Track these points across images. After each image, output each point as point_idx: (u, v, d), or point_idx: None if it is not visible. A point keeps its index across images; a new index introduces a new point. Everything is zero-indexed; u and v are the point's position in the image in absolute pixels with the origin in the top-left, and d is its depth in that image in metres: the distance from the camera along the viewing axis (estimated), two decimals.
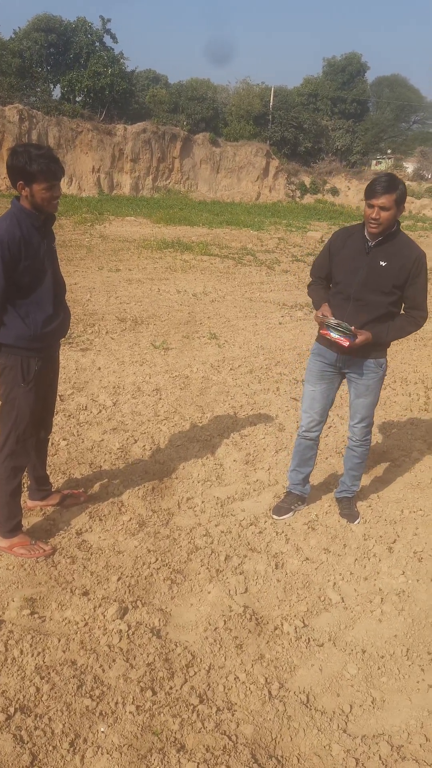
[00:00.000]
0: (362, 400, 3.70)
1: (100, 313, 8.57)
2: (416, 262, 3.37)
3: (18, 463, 3.36)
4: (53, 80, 31.16)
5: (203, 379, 6.29)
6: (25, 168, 2.95)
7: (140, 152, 29.85)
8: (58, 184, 3.06)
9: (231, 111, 35.78)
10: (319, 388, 3.74)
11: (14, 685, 2.53)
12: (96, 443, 4.77)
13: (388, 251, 3.38)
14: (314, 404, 3.78)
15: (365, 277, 3.40)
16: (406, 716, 2.55)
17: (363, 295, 3.42)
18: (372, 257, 3.40)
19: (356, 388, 3.69)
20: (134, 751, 2.29)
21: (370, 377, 3.64)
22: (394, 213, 3.28)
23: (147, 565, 3.39)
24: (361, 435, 3.83)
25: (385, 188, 3.22)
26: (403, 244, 3.41)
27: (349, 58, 41.92)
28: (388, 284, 3.38)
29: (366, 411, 3.74)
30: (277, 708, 2.55)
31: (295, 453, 3.96)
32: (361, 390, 3.67)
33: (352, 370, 3.65)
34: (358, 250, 3.45)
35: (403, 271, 3.36)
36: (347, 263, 3.47)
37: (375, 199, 3.24)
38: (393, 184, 3.24)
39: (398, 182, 3.26)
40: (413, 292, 3.45)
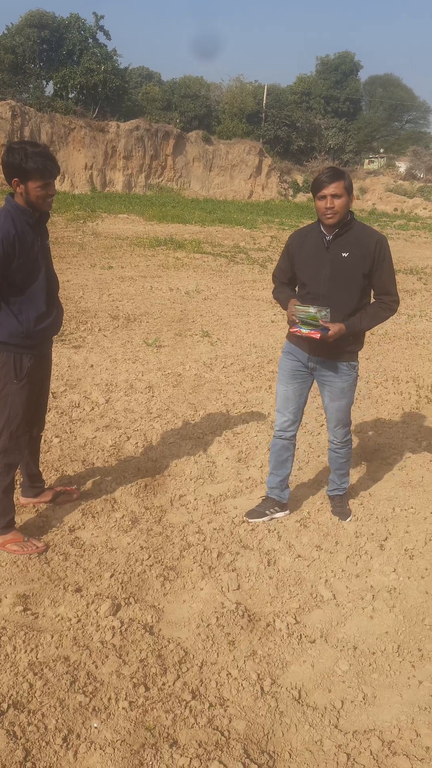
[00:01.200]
0: (337, 403, 3.64)
1: (93, 311, 8.56)
2: (378, 246, 3.32)
3: (11, 460, 3.36)
4: (46, 76, 31.08)
5: (196, 377, 6.30)
6: (21, 165, 2.96)
7: (133, 150, 29.82)
8: (53, 182, 3.07)
9: (224, 109, 35.80)
10: (291, 388, 3.68)
11: (7, 681, 2.53)
12: (89, 440, 4.77)
13: (347, 242, 3.33)
14: (288, 404, 3.71)
15: (330, 272, 3.35)
16: (397, 712, 2.57)
17: (332, 291, 3.37)
18: (332, 251, 3.35)
19: (330, 391, 3.61)
20: (127, 747, 2.30)
21: (344, 380, 3.57)
22: (346, 200, 3.25)
23: (140, 561, 3.39)
24: (342, 437, 3.78)
25: (331, 177, 3.20)
26: (360, 232, 3.36)
27: (342, 57, 42.00)
28: (356, 274, 3.33)
29: (342, 414, 3.69)
30: (269, 704, 2.56)
31: (272, 455, 3.90)
32: (336, 393, 3.60)
33: (325, 373, 3.58)
34: (317, 247, 3.39)
35: (366, 258, 3.31)
36: (309, 262, 3.41)
37: (325, 189, 3.21)
38: (339, 172, 3.24)
39: (343, 172, 3.26)
40: (381, 278, 3.40)
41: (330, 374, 3.56)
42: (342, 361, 3.53)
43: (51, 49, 31.33)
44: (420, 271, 14.12)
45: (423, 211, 32.32)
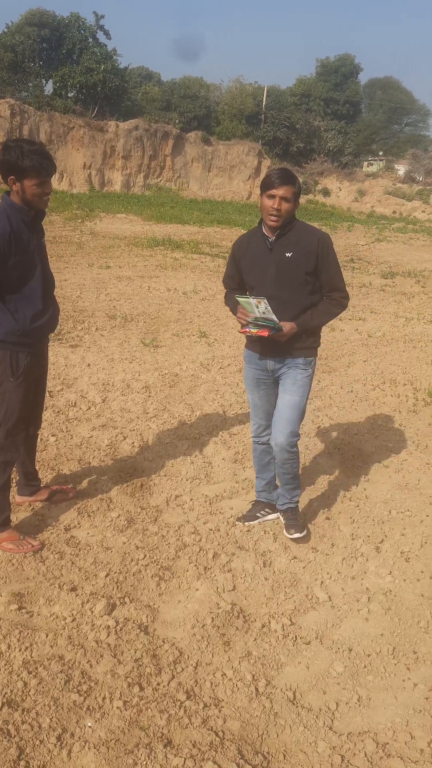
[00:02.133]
0: (287, 397, 3.50)
1: (90, 310, 8.55)
2: (320, 244, 3.30)
3: (7, 458, 3.35)
4: (45, 75, 31.04)
5: (193, 377, 6.30)
6: (17, 163, 2.95)
7: (132, 149, 29.81)
8: (49, 180, 3.07)
9: (223, 110, 35.80)
10: (258, 395, 3.66)
11: (1, 680, 2.53)
12: (85, 440, 4.76)
13: (290, 241, 3.30)
14: (257, 410, 3.70)
15: (275, 273, 3.32)
16: (392, 714, 2.57)
17: (278, 292, 3.32)
18: (276, 252, 3.32)
19: (283, 384, 3.53)
20: (121, 746, 2.30)
21: (298, 373, 3.49)
22: (293, 206, 3.23)
23: (135, 561, 3.39)
24: (287, 440, 3.49)
25: (284, 179, 3.16)
26: (302, 231, 3.34)
27: (342, 59, 42.04)
28: (300, 274, 3.30)
29: (291, 412, 3.49)
30: (264, 705, 2.56)
31: (254, 459, 3.92)
32: (288, 385, 3.50)
33: (283, 371, 3.52)
34: (261, 249, 3.37)
35: (310, 257, 3.28)
36: (254, 265, 3.40)
37: (275, 189, 3.16)
38: (291, 176, 3.21)
39: (295, 177, 3.23)
40: (327, 275, 3.36)
41: (286, 370, 3.50)
42: (299, 358, 3.48)
43: (51, 47, 31.28)
44: (418, 273, 14.15)
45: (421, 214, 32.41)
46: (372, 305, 10.49)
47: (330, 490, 4.32)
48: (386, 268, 14.68)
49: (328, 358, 7.27)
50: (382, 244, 19.66)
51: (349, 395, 6.16)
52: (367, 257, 16.37)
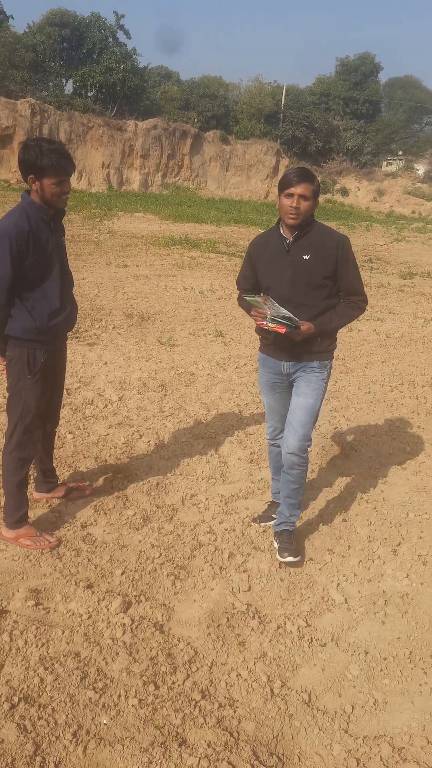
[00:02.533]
0: (302, 400, 3.40)
1: (108, 309, 8.58)
2: (339, 246, 3.21)
3: (25, 454, 3.37)
4: (65, 75, 31.19)
5: (209, 377, 6.29)
6: (36, 162, 2.97)
7: (150, 149, 29.88)
8: (68, 179, 3.07)
9: (242, 109, 35.71)
10: (273, 398, 3.58)
11: (18, 675, 2.54)
12: (102, 437, 4.78)
13: (308, 244, 3.21)
14: (273, 414, 3.63)
15: (292, 275, 3.22)
16: (408, 718, 2.55)
17: (295, 295, 3.24)
18: (294, 254, 3.22)
19: (297, 386, 3.44)
20: (136, 744, 2.30)
21: (314, 376, 3.40)
22: (312, 204, 3.14)
23: (151, 560, 3.39)
24: (298, 444, 3.38)
25: (302, 177, 3.09)
26: (321, 233, 3.25)
27: (362, 58, 41.75)
28: (318, 277, 3.21)
29: (305, 415, 3.39)
30: (279, 706, 2.55)
31: (270, 461, 3.87)
32: (302, 388, 3.41)
33: (298, 374, 3.43)
34: (278, 250, 3.28)
35: (329, 260, 3.21)
36: (270, 266, 3.30)
37: (294, 188, 3.08)
38: (310, 174, 3.13)
39: (314, 175, 3.15)
40: (346, 278, 3.29)
41: (301, 373, 3.42)
42: (314, 361, 3.40)
43: (71, 47, 31.40)
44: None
45: None
46: (390, 306, 10.43)
47: (347, 492, 4.30)
48: (405, 268, 14.58)
49: (346, 359, 7.24)
50: (401, 244, 19.53)
51: (366, 396, 6.13)
52: (385, 257, 16.27)
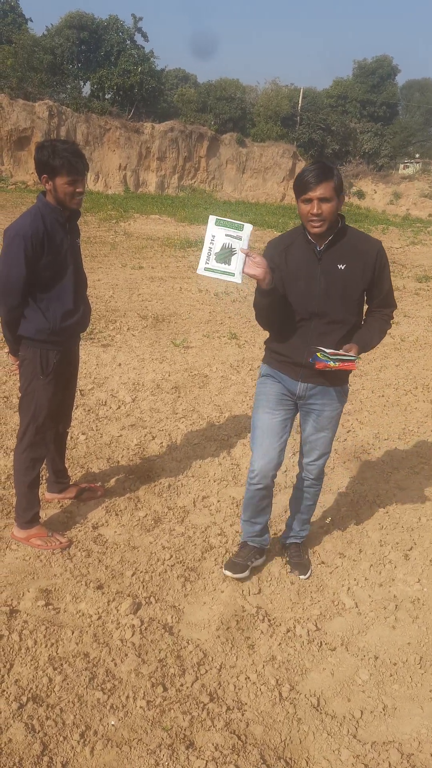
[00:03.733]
0: (324, 434, 3.15)
1: (122, 310, 8.61)
2: (379, 255, 2.86)
3: (37, 454, 3.39)
4: (83, 77, 31.37)
5: (222, 379, 6.29)
6: (49, 161, 2.99)
7: (167, 151, 29.96)
8: (81, 179, 3.07)
9: (259, 112, 35.74)
10: (278, 418, 3.09)
11: (27, 675, 2.55)
12: (114, 438, 4.79)
13: (343, 251, 2.83)
14: (272, 439, 3.08)
15: (325, 287, 2.82)
16: (418, 724, 2.53)
17: (326, 308, 2.85)
18: (326, 262, 2.83)
19: (317, 421, 3.12)
20: (144, 746, 2.30)
21: (334, 407, 3.10)
22: (336, 204, 2.72)
23: (161, 561, 3.40)
24: (318, 473, 3.28)
25: (319, 176, 2.66)
26: (358, 239, 2.88)
27: (379, 60, 41.66)
28: (356, 289, 2.86)
29: (327, 446, 3.21)
30: (288, 710, 2.54)
31: (248, 504, 3.26)
32: (324, 423, 3.12)
33: (314, 402, 3.08)
34: (307, 258, 2.85)
35: (367, 270, 2.84)
36: (298, 277, 2.84)
37: (312, 192, 2.67)
38: (327, 170, 2.69)
39: (332, 168, 2.73)
40: (382, 289, 2.95)
41: (320, 402, 3.08)
42: (336, 386, 3.08)
43: (89, 50, 31.61)
44: None
45: None
46: (406, 309, 10.37)
47: (359, 496, 4.28)
48: (421, 271, 14.49)
49: (360, 362, 7.20)
50: (417, 248, 19.42)
51: (380, 400, 6.10)
52: (401, 260, 16.18)
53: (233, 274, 2.65)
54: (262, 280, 2.66)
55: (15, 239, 3.00)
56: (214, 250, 2.66)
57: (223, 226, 2.65)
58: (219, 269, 2.66)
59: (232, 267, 2.65)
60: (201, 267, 2.66)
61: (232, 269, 2.65)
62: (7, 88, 25.64)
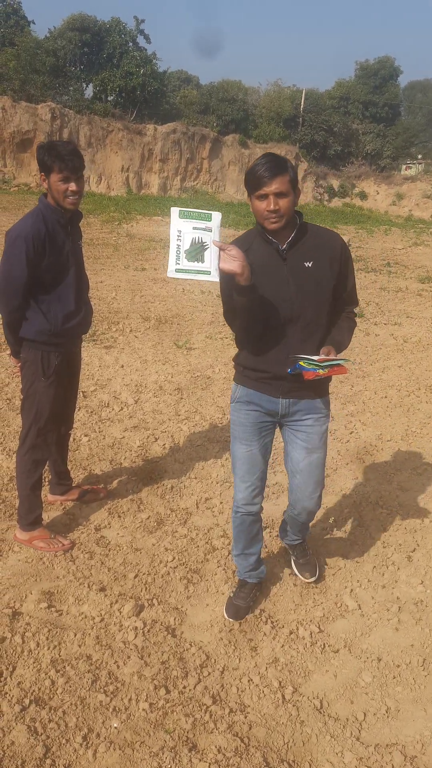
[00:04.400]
0: (315, 456, 2.87)
1: (125, 312, 8.61)
2: (343, 248, 2.69)
3: (39, 456, 3.39)
4: (86, 79, 31.41)
5: (225, 380, 6.29)
6: (44, 159, 3.00)
7: (169, 152, 29.97)
8: (75, 177, 3.04)
9: (261, 113, 35.73)
10: (257, 447, 2.87)
11: (30, 677, 2.55)
12: (117, 440, 4.79)
13: (307, 248, 2.63)
14: (253, 469, 2.89)
15: (295, 288, 2.61)
16: (421, 727, 2.52)
17: (301, 311, 2.63)
18: (292, 262, 2.62)
19: (307, 440, 2.84)
20: (146, 749, 2.30)
21: (322, 422, 2.85)
22: (293, 199, 2.53)
23: (164, 563, 3.40)
24: (317, 504, 3.00)
25: (273, 170, 2.47)
26: (319, 234, 2.69)
27: (381, 61, 41.60)
28: (327, 286, 2.65)
29: (320, 471, 2.93)
30: (290, 712, 2.54)
31: (238, 534, 3.03)
32: (315, 441, 2.84)
33: (299, 419, 2.83)
34: (270, 259, 2.62)
35: (334, 264, 2.65)
36: (263, 279, 2.56)
37: (266, 186, 2.47)
38: (281, 163, 2.50)
39: (286, 160, 2.54)
40: (347, 284, 2.77)
41: (307, 417, 2.82)
42: (321, 397, 2.84)
43: (92, 52, 31.64)
44: None
45: None
46: (408, 310, 10.35)
47: (362, 497, 4.27)
48: (423, 272, 14.47)
49: (362, 363, 7.19)
50: (420, 248, 19.39)
51: (383, 401, 6.09)
52: (404, 261, 16.16)
53: (209, 272, 2.40)
54: (240, 275, 2.41)
55: (17, 241, 3.01)
56: (183, 247, 2.42)
57: (189, 218, 2.43)
58: (192, 269, 2.41)
59: (206, 264, 2.41)
60: (171, 269, 2.43)
61: (207, 266, 2.41)
62: (9, 90, 25.69)
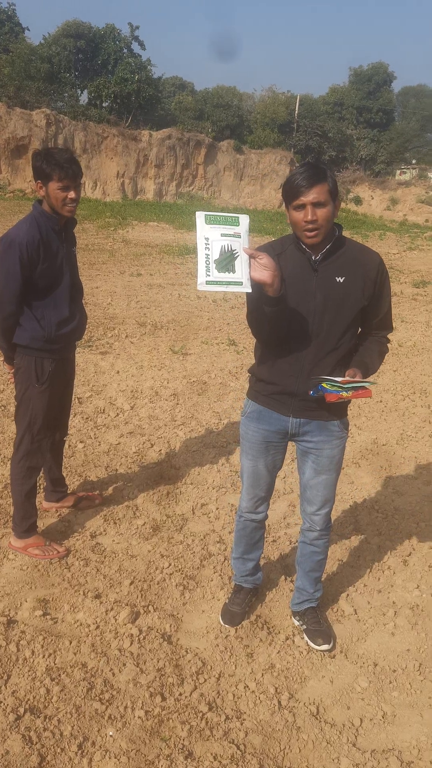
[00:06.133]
0: (325, 477, 2.77)
1: (121, 317, 8.61)
2: (380, 268, 2.56)
3: (33, 463, 3.38)
4: (81, 86, 31.53)
5: (221, 386, 6.29)
6: (42, 167, 2.99)
7: (165, 158, 30.03)
8: (73, 185, 3.04)
9: (256, 119, 35.90)
10: (264, 463, 2.81)
11: (25, 686, 2.54)
12: (112, 446, 4.78)
13: (342, 262, 2.52)
14: (259, 482, 2.86)
15: (322, 301, 2.49)
16: (417, 732, 2.52)
17: (323, 327, 2.51)
18: (323, 274, 2.50)
19: (317, 462, 2.74)
20: (142, 757, 2.29)
21: (335, 444, 2.72)
22: (332, 210, 2.41)
23: (160, 570, 3.39)
24: (325, 522, 2.89)
25: (311, 179, 2.35)
26: (357, 250, 2.57)
27: (375, 67, 41.88)
28: (354, 307, 2.53)
29: (329, 492, 2.83)
30: (287, 719, 2.53)
31: (240, 537, 3.04)
32: (324, 464, 2.74)
33: (310, 439, 2.71)
34: (301, 269, 2.50)
35: (368, 284, 2.52)
36: (290, 288, 2.44)
37: (304, 196, 2.35)
38: (320, 172, 2.38)
39: (325, 169, 2.41)
40: (382, 308, 2.64)
41: (317, 439, 2.71)
42: (334, 419, 2.70)
43: (86, 58, 31.81)
44: None
45: None
46: (403, 314, 10.37)
47: (357, 501, 4.27)
48: (418, 277, 14.51)
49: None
50: (414, 253, 19.45)
51: (378, 405, 6.09)
52: (398, 266, 16.21)
53: (241, 282, 2.24)
54: (270, 285, 2.29)
55: (11, 247, 3.01)
56: (212, 256, 2.22)
57: (216, 224, 2.26)
58: (223, 280, 2.23)
59: (238, 274, 2.23)
60: (201, 281, 2.22)
61: (239, 277, 2.24)
62: (4, 96, 25.76)
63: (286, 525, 3.90)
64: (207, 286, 2.22)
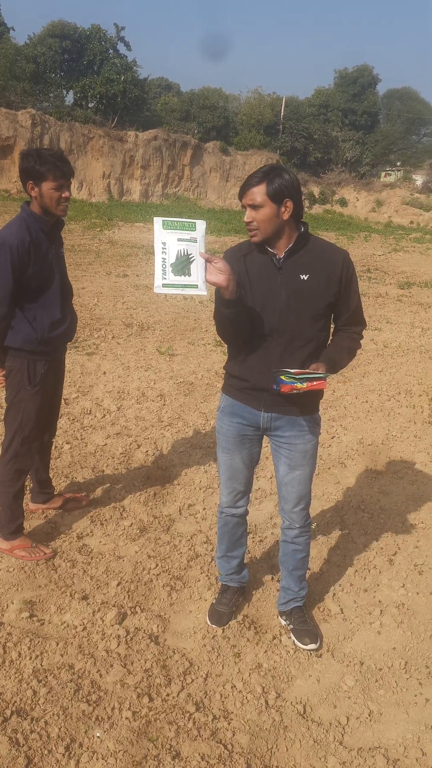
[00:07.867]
0: (299, 473, 2.79)
1: (107, 318, 8.60)
2: (345, 266, 2.57)
3: (22, 465, 3.37)
4: (66, 86, 31.43)
5: (208, 386, 6.30)
6: (35, 167, 2.98)
7: (151, 159, 30.04)
8: (67, 184, 3.06)
9: (242, 120, 35.98)
10: (240, 457, 2.84)
11: (11, 688, 2.53)
12: (99, 447, 4.78)
13: (306, 260, 2.54)
14: (237, 476, 2.88)
15: (286, 300, 2.53)
16: (403, 730, 2.54)
17: (288, 324, 2.55)
18: (287, 273, 2.53)
19: (289, 457, 2.77)
20: (129, 757, 2.29)
21: (308, 440, 2.76)
22: (272, 213, 2.42)
23: (147, 570, 3.39)
24: (303, 519, 2.90)
25: (248, 182, 2.43)
26: (322, 248, 2.59)
27: (360, 70, 42.11)
28: (319, 304, 2.56)
29: (304, 487, 2.84)
30: (274, 718, 2.54)
31: (222, 535, 3.06)
32: (297, 459, 2.77)
33: (282, 434, 2.75)
34: (265, 268, 2.55)
35: (332, 282, 2.54)
36: (256, 287, 2.54)
37: (243, 199, 2.46)
38: (264, 174, 2.42)
39: (278, 171, 2.42)
40: (351, 304, 2.66)
41: (289, 434, 2.74)
42: (305, 415, 2.74)
43: (72, 59, 31.71)
44: None
45: None
46: (388, 315, 10.45)
47: (343, 501, 4.30)
48: (403, 278, 14.61)
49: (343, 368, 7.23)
50: (399, 254, 19.59)
51: (363, 405, 6.13)
52: (383, 267, 16.31)
53: (196, 285, 2.31)
54: (225, 288, 2.34)
55: (1, 250, 2.99)
56: (168, 260, 2.29)
57: (173, 229, 2.33)
58: (179, 283, 2.30)
59: (194, 277, 2.30)
60: (157, 284, 2.29)
61: (194, 280, 2.30)
62: None
63: (273, 525, 3.91)
64: (163, 288, 2.30)
